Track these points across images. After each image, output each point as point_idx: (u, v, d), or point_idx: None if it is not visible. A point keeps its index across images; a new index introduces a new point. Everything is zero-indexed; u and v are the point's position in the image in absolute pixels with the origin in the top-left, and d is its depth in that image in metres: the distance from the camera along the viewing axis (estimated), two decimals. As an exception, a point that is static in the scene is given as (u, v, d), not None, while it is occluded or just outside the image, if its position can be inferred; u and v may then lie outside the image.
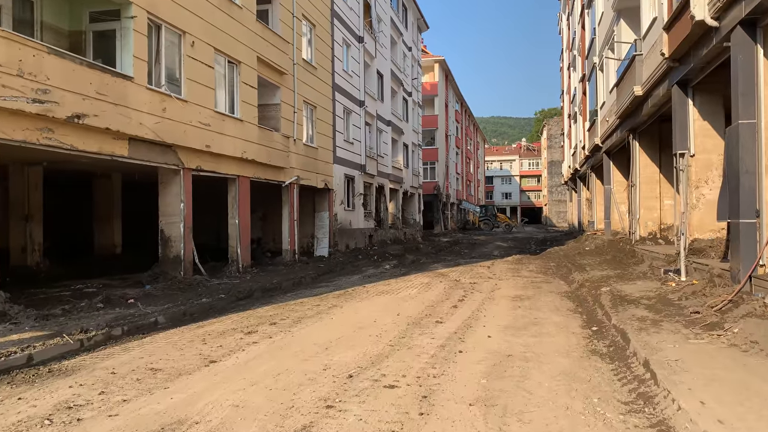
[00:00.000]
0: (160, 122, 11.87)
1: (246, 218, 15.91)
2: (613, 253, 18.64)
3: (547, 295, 11.08)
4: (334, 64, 22.97)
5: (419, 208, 40.84)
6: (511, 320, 8.44)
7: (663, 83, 12.20)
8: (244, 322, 8.74)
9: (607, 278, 12.32)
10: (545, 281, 13.61)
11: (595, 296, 10.17)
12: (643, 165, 16.70)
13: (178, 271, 13.04)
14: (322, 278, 15.27)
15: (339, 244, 23.14)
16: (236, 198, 15.49)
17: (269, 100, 18.04)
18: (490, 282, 13.40)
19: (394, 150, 34.29)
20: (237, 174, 15.35)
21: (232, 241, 15.53)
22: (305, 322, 8.63)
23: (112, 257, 16.46)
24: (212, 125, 13.80)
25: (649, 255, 14.55)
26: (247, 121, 15.57)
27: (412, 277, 14.73)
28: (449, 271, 16.47)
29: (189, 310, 9.75)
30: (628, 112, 15.99)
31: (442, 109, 51.83)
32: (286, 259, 18.65)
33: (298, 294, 12.13)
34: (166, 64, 12.47)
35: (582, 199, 34.90)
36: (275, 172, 17.58)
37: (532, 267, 17.45)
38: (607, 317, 8.24)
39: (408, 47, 37.67)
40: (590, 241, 24.26)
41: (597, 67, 22.43)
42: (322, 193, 22.23)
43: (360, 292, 12.04)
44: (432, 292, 11.67)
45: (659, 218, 16.76)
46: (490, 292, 11.56)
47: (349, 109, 24.97)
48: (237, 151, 14.95)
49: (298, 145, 19.30)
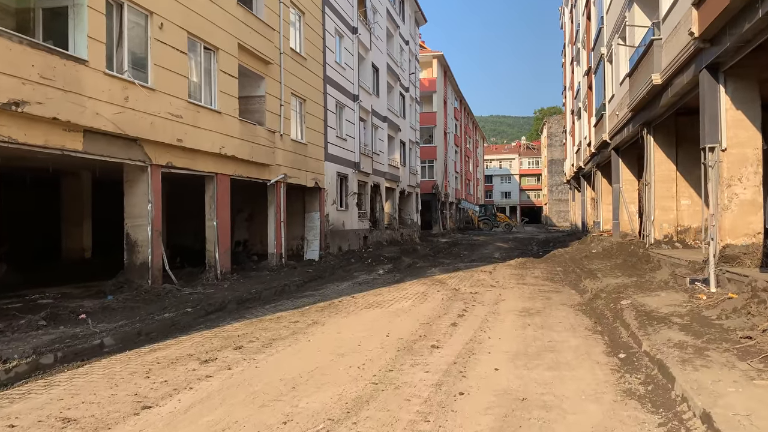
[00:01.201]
0: (122, 113, 10.51)
1: (225, 220, 14.56)
2: (624, 257, 17.32)
3: (558, 309, 9.75)
4: (325, 55, 21.62)
5: (417, 207, 39.50)
6: (521, 344, 7.11)
7: (688, 69, 10.86)
8: (205, 345, 7.41)
9: (624, 287, 11.00)
10: (554, 290, 12.28)
11: (614, 311, 8.84)
12: (658, 162, 15.36)
13: (146, 280, 11.70)
14: (309, 286, 13.93)
15: (331, 247, 21.81)
16: (214, 198, 14.13)
17: (253, 91, 16.68)
18: (493, 291, 12.07)
19: (391, 147, 32.94)
20: (215, 171, 14.00)
21: (210, 245, 14.18)
22: (277, 345, 7.29)
23: (80, 262, 15.10)
24: (185, 117, 12.45)
25: (667, 261, 13.23)
26: (227, 114, 14.21)
27: (407, 285, 13.39)
28: (447, 277, 15.14)
29: (146, 329, 8.40)
30: (643, 104, 14.66)
31: (440, 105, 50.47)
32: (272, 263, 17.31)
33: (277, 306, 10.80)
34: (129, 47, 11.11)
35: (586, 199, 33.60)
36: (259, 169, 16.22)
37: (537, 272, 16.12)
38: (635, 341, 6.91)
39: (405, 41, 36.31)
40: (597, 243, 22.95)
41: (605, 58, 21.08)
42: (312, 192, 20.88)
43: (347, 304, 10.70)
44: (428, 305, 10.33)
45: (675, 220, 15.43)
46: (493, 305, 10.23)
47: (342, 104, 23.62)
48: (214, 146, 13.60)
49: (285, 140, 17.94)
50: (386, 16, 31.17)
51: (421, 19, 40.73)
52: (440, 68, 50.55)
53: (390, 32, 32.41)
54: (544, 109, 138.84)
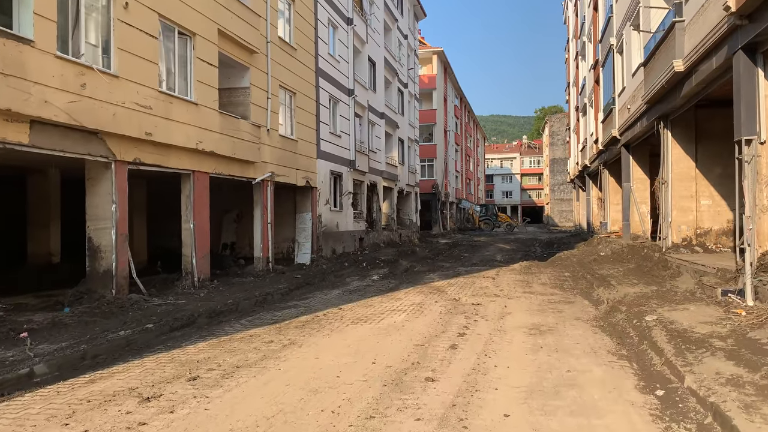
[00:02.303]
0: (78, 101, 9.28)
1: (204, 222, 13.33)
2: (637, 262, 16.08)
3: (572, 325, 8.51)
4: (317, 46, 20.37)
5: (416, 207, 38.25)
6: (534, 374, 5.88)
7: (718, 51, 9.61)
8: (155, 374, 6.17)
9: (645, 298, 9.77)
10: (564, 300, 11.04)
11: (639, 329, 7.61)
12: (676, 159, 14.12)
13: (109, 289, 10.47)
14: (294, 294, 12.70)
15: (324, 249, 20.58)
16: (191, 197, 12.89)
17: (236, 83, 15.45)
18: (498, 302, 10.82)
19: (388, 145, 31.70)
20: (191, 169, 12.77)
21: (186, 250, 12.94)
22: (240, 376, 6.06)
23: (47, 268, 13.87)
24: (155, 108, 11.21)
25: (689, 267, 11.99)
26: (205, 106, 12.98)
27: (402, 294, 12.15)
28: (447, 284, 13.90)
29: (93, 351, 7.17)
30: (660, 96, 13.42)
31: (440, 103, 49.22)
32: (258, 268, 16.08)
33: (254, 319, 9.57)
34: (89, 29, 9.88)
35: (591, 198, 32.35)
36: (243, 167, 14.99)
37: (543, 278, 14.88)
38: (674, 372, 5.68)
39: (404, 35, 35.06)
40: (605, 246, 21.70)
41: (614, 49, 19.83)
42: (303, 191, 19.65)
43: (333, 318, 9.46)
44: (424, 319, 9.10)
45: (695, 221, 14.18)
46: (498, 320, 8.99)
47: (336, 98, 22.37)
48: (190, 141, 12.36)
49: (272, 136, 16.71)
50: (383, 8, 29.92)
51: (421, 13, 39.48)
52: (440, 64, 49.31)
53: (387, 25, 31.16)
54: (545, 108, 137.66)
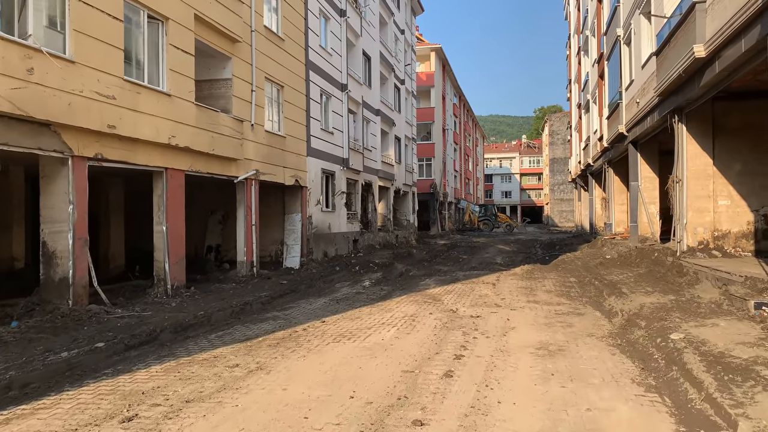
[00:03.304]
0: (24, 88, 8.18)
1: (178, 224, 12.23)
2: (647, 266, 15.00)
3: (586, 344, 7.42)
4: (308, 37, 19.28)
5: (413, 208, 37.16)
6: (547, 415, 4.78)
7: (749, 32, 8.53)
8: (86, 412, 5.08)
9: (664, 310, 8.69)
10: (573, 311, 9.95)
11: (665, 351, 6.52)
12: (692, 155, 13.03)
13: (65, 300, 9.37)
14: (276, 303, 11.60)
15: (315, 252, 19.48)
16: (163, 197, 11.79)
17: (217, 74, 14.36)
18: (499, 314, 9.73)
19: (384, 143, 30.61)
20: (163, 166, 11.66)
21: (158, 254, 11.83)
22: (187, 414, 4.96)
23: (8, 275, 12.78)
24: (120, 98, 10.12)
25: (709, 274, 10.91)
26: (179, 97, 11.89)
27: (394, 304, 11.05)
28: (443, 291, 12.81)
29: (23, 378, 6.08)
30: (675, 87, 12.33)
31: (438, 101, 48.13)
32: (242, 273, 14.98)
33: (225, 335, 8.47)
34: (36, 7, 8.78)
35: (594, 198, 31.27)
36: (223, 164, 13.89)
37: (548, 284, 13.79)
38: (720, 413, 4.59)
39: (400, 30, 33.96)
40: (610, 248, 20.62)
41: (621, 40, 18.75)
42: (293, 191, 18.56)
43: (313, 334, 8.36)
44: (416, 336, 8.00)
45: (712, 223, 13.10)
46: (500, 337, 7.89)
47: (328, 93, 21.28)
48: (161, 135, 11.26)
49: (257, 131, 15.61)
50: (379, 0, 28.81)
51: (418, 7, 38.39)
52: (438, 62, 48.23)
53: (383, 19, 30.07)
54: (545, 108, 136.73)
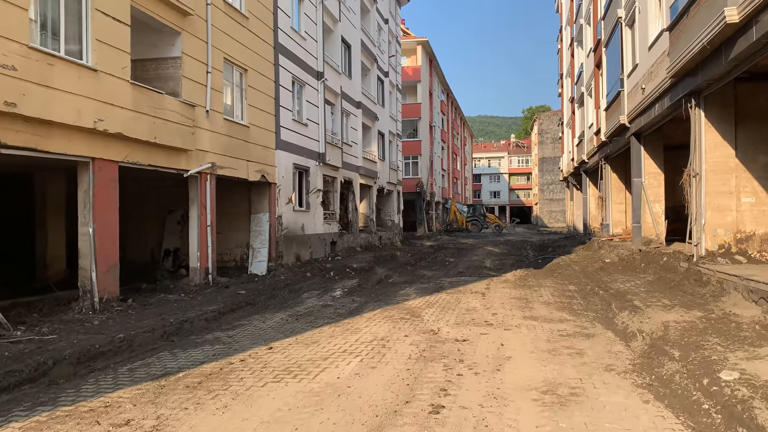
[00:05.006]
0: None
1: (110, 225, 10.27)
2: (656, 272, 13.30)
3: (605, 383, 5.62)
4: (277, 17, 17.37)
5: (398, 207, 35.32)
6: None
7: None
8: None
9: (696, 332, 6.94)
10: (580, 331, 8.16)
11: (718, 398, 4.74)
12: (711, 145, 11.33)
13: (-56, 321, 7.40)
14: (225, 320, 9.71)
15: (285, 256, 17.57)
16: (90, 193, 9.83)
17: (165, 51, 12.42)
18: (491, 336, 7.90)
19: (367, 138, 28.75)
20: (89, 155, 9.71)
21: (84, 261, 9.87)
22: None
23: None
24: (24, 70, 8.17)
25: (739, 284, 9.18)
26: (109, 74, 9.94)
27: (364, 322, 9.19)
28: (425, 304, 10.97)
29: None
30: (696, 64, 10.58)
31: (425, 96, 46.35)
32: (195, 281, 13.04)
33: (140, 367, 6.58)
34: None
35: (588, 197, 29.65)
36: (170, 155, 11.95)
37: (545, 294, 12.03)
38: None
39: (384, 19, 32.12)
40: (609, 251, 18.95)
41: (623, 22, 17.06)
42: (260, 188, 16.65)
43: (251, 367, 6.48)
44: (383, 373, 6.14)
45: (734, 223, 11.40)
46: (493, 373, 6.05)
47: (301, 81, 19.38)
48: (83, 117, 9.31)
49: (214, 119, 13.68)
50: (360, -14, 26.98)
51: (403, -3, 36.58)
52: (425, 56, 46.45)
53: (365, 6, 28.20)
54: (533, 108, 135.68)
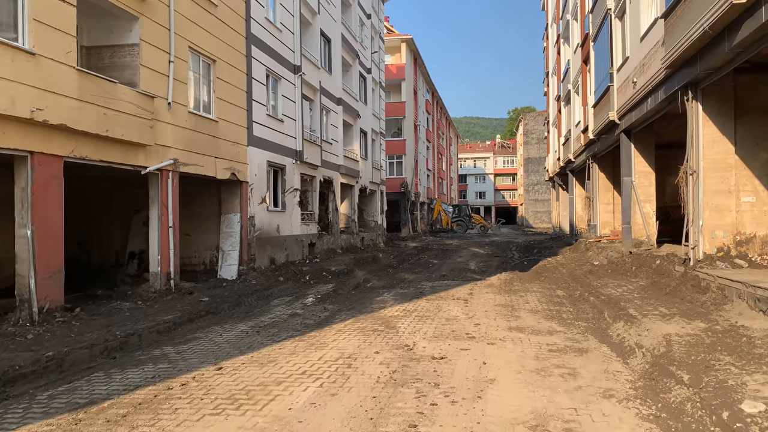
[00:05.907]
0: None
1: (53, 227, 9.24)
2: (648, 277, 12.58)
3: (606, 417, 4.76)
4: (250, 6, 16.39)
5: (382, 208, 34.43)
6: None
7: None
8: None
9: (703, 348, 6.16)
10: (572, 345, 7.32)
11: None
12: (709, 141, 10.59)
13: None
14: (178, 332, 8.74)
15: (258, 259, 16.59)
16: (28, 191, 8.80)
17: (121, 38, 11.39)
18: (472, 352, 7.03)
19: (348, 136, 27.83)
20: (27, 149, 8.68)
21: (22, 267, 8.83)
22: None
23: None
24: (-59, 50, 7.14)
25: (743, 291, 8.42)
26: (50, 58, 8.92)
27: (332, 335, 8.27)
28: (402, 312, 10.08)
29: None
30: (694, 52, 9.82)
31: (410, 95, 45.54)
32: (155, 287, 12.03)
33: (64, 393, 5.63)
34: None
35: (574, 198, 29.00)
36: (126, 150, 10.93)
37: (531, 300, 11.20)
38: None
39: (366, 14, 31.23)
40: (597, 253, 18.23)
41: (612, 13, 16.34)
42: (230, 187, 15.65)
43: (191, 393, 5.53)
44: (343, 403, 5.22)
45: (734, 225, 10.67)
46: (473, 401, 5.17)
47: (277, 75, 18.42)
48: (19, 107, 8.29)
49: (177, 112, 12.68)
50: (341, -22, 26.06)
51: (386, -8, 35.73)
52: (410, 54, 45.65)
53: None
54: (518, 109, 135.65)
